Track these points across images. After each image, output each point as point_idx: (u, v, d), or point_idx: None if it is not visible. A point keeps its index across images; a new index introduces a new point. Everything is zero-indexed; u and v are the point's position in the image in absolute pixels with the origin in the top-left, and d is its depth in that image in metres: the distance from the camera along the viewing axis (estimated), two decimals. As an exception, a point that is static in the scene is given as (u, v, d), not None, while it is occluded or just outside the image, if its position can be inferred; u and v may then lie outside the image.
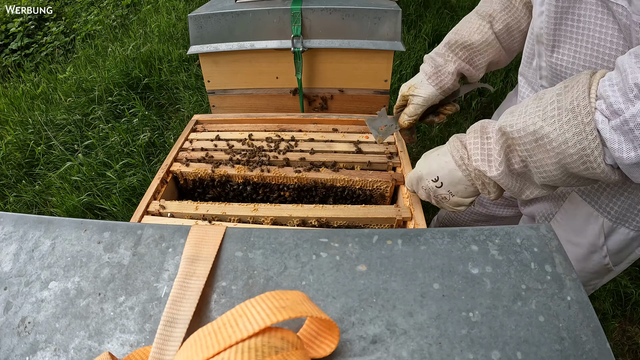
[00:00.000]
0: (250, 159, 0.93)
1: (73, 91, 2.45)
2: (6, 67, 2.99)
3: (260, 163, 0.92)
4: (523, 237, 0.42)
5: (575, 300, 0.37)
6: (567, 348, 0.34)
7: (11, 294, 0.41)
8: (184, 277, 0.40)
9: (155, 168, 1.86)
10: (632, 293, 1.40)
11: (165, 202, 0.82)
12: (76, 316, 0.39)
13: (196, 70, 2.50)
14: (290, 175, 0.90)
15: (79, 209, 1.71)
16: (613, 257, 0.69)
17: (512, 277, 0.39)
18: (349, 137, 1.01)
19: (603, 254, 0.69)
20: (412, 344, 0.35)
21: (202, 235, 0.43)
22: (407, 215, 0.77)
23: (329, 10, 1.03)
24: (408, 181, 0.72)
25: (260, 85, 1.18)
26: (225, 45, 1.11)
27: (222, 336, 0.30)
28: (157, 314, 0.39)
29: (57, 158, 1.98)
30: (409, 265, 0.40)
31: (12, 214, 0.47)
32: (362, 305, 0.37)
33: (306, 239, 0.43)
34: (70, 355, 0.37)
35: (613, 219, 0.64)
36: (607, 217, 0.65)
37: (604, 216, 0.65)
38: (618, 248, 0.67)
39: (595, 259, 0.70)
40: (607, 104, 0.42)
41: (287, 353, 0.30)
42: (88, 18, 3.37)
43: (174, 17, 3.12)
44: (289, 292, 0.34)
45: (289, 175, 0.90)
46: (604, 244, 0.67)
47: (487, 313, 0.36)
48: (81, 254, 0.43)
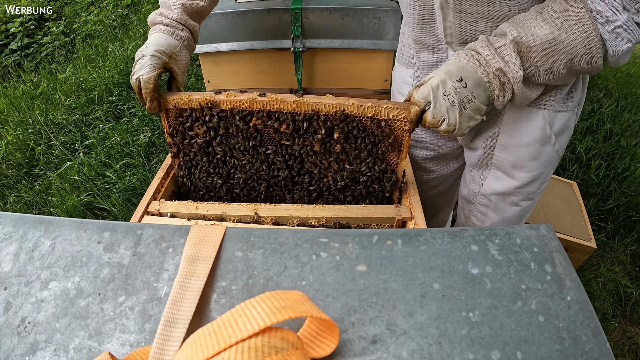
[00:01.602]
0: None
1: (73, 91, 2.45)
2: (6, 67, 2.99)
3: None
4: (523, 237, 0.42)
5: (575, 300, 0.37)
6: (567, 348, 0.34)
7: (11, 294, 0.41)
8: (184, 277, 0.40)
9: (155, 168, 1.86)
10: (632, 293, 1.40)
11: (165, 202, 0.82)
12: (76, 316, 0.39)
13: (196, 70, 2.50)
14: (288, 100, 0.74)
15: (79, 209, 1.71)
16: (559, 140, 0.79)
17: (512, 277, 0.39)
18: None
19: (552, 141, 0.78)
20: (412, 344, 0.35)
21: (202, 235, 0.43)
22: (407, 215, 0.77)
23: (329, 10, 1.03)
24: (423, 92, 0.67)
25: (260, 85, 1.18)
26: (225, 45, 1.11)
27: (222, 336, 0.30)
28: (157, 314, 0.39)
29: (57, 158, 1.98)
30: (409, 265, 0.40)
31: (12, 214, 0.47)
32: (362, 305, 0.37)
33: (306, 239, 0.43)
34: (70, 355, 0.37)
35: (551, 109, 0.75)
36: (546, 109, 0.75)
37: (542, 110, 0.75)
38: (561, 128, 0.78)
39: (547, 149, 0.79)
40: (602, 15, 0.57)
41: (287, 353, 0.30)
42: (88, 18, 3.37)
43: (174, 17, 3.12)
44: (289, 292, 0.34)
45: (286, 100, 0.74)
46: (551, 132, 0.77)
47: (487, 313, 0.36)
48: (81, 254, 0.43)
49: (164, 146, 1.99)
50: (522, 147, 0.80)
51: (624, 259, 1.54)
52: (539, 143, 0.79)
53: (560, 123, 0.78)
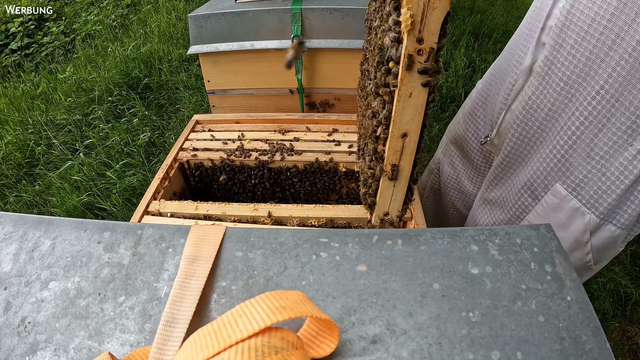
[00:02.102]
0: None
1: (73, 91, 2.45)
2: (6, 67, 2.98)
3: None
4: (523, 237, 0.42)
5: (575, 300, 0.37)
6: (567, 348, 0.34)
7: (11, 294, 0.41)
8: (184, 277, 0.40)
9: (155, 168, 1.86)
10: (632, 293, 1.40)
11: (165, 202, 0.82)
12: (76, 316, 0.39)
13: (196, 70, 2.50)
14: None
15: (79, 209, 1.71)
16: (596, 256, 0.67)
17: (512, 277, 0.39)
18: (348, 137, 1.01)
19: (586, 251, 0.67)
20: (412, 344, 0.35)
21: (202, 235, 0.43)
22: (407, 215, 0.77)
23: (329, 10, 1.03)
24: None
25: (260, 85, 1.18)
26: (225, 45, 1.11)
27: (222, 336, 0.30)
28: (157, 314, 0.39)
29: (57, 158, 1.98)
30: (409, 265, 0.40)
31: (12, 214, 0.47)
32: (362, 305, 0.37)
33: (306, 239, 0.43)
34: (70, 355, 0.37)
35: (601, 216, 0.63)
36: (594, 214, 0.63)
37: (591, 212, 0.63)
38: (603, 246, 0.65)
39: (576, 256, 0.68)
40: None
41: (287, 353, 0.30)
42: (88, 18, 3.37)
43: (174, 17, 3.12)
44: (289, 292, 0.34)
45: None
46: (589, 240, 0.65)
47: (487, 313, 0.36)
48: (81, 254, 0.43)
49: (164, 146, 1.99)
50: None
51: (623, 259, 1.54)
52: (570, 245, 0.68)
53: (606, 237, 0.65)
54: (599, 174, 0.61)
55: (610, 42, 0.54)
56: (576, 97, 0.62)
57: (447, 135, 1.01)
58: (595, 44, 0.56)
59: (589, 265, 0.69)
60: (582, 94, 0.60)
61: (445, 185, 1.03)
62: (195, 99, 2.25)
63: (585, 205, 0.64)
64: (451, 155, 0.99)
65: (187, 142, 1.01)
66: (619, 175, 0.59)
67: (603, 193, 0.62)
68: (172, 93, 2.39)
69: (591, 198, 0.63)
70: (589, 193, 0.63)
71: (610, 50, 0.55)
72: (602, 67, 0.56)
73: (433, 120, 2.13)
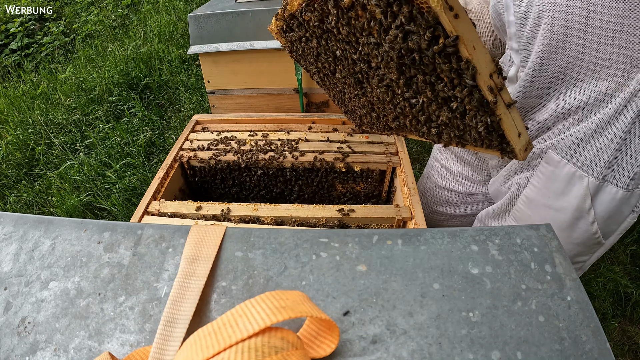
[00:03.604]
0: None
1: (73, 91, 2.45)
2: (6, 67, 2.99)
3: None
4: (523, 237, 0.42)
5: (575, 300, 0.37)
6: (567, 348, 0.34)
7: (11, 294, 0.41)
8: (184, 277, 0.40)
9: (155, 168, 1.86)
10: (632, 293, 1.40)
11: (165, 202, 0.82)
12: (76, 316, 0.39)
13: (196, 70, 2.50)
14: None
15: (79, 209, 1.71)
16: (602, 225, 0.64)
17: (512, 277, 0.39)
18: (349, 137, 1.01)
19: (590, 219, 0.63)
20: (412, 344, 0.35)
21: (202, 235, 0.43)
22: (407, 215, 0.77)
23: (329, 10, 1.03)
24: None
25: (260, 85, 1.18)
26: (225, 45, 1.11)
27: (222, 336, 0.30)
28: (157, 314, 0.39)
29: (57, 158, 1.98)
30: (409, 265, 0.40)
31: (12, 214, 0.47)
32: (362, 305, 0.37)
33: (306, 239, 0.43)
34: (70, 355, 0.37)
35: (600, 177, 0.59)
36: (592, 176, 0.60)
37: (588, 174, 0.60)
38: (607, 212, 0.62)
39: (581, 227, 0.64)
40: None
41: (287, 353, 0.30)
42: (88, 18, 3.37)
43: (174, 17, 3.12)
44: (289, 292, 0.34)
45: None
46: (591, 207, 0.62)
47: (487, 313, 0.36)
48: (81, 254, 0.43)
49: (164, 146, 1.99)
50: (550, 210, 0.66)
51: (624, 259, 1.54)
52: (572, 214, 0.64)
53: (608, 201, 0.61)
54: (589, 132, 0.59)
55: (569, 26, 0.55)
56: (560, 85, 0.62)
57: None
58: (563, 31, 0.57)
59: (597, 238, 0.65)
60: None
61: (434, 183, 1.02)
62: (195, 99, 2.25)
63: (581, 168, 0.61)
64: (443, 155, 0.98)
65: (187, 142, 1.01)
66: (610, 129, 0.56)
67: (598, 152, 0.59)
68: (172, 93, 2.39)
69: (586, 159, 0.60)
70: (583, 154, 0.60)
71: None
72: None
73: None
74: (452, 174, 0.95)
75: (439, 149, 0.99)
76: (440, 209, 1.03)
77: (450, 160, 0.95)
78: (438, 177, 0.98)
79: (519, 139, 0.52)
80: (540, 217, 0.68)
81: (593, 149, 0.59)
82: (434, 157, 1.01)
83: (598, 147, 0.59)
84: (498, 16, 0.70)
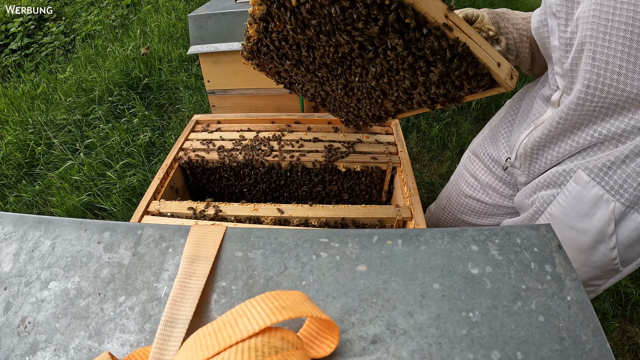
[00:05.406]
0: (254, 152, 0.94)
1: (73, 91, 2.45)
2: (6, 67, 2.99)
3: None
4: (523, 237, 0.42)
5: (575, 300, 0.37)
6: (567, 348, 0.34)
7: (11, 294, 0.41)
8: (184, 277, 0.40)
9: (155, 168, 1.86)
10: (632, 293, 1.40)
11: (165, 202, 0.82)
12: (76, 316, 0.39)
13: (196, 70, 2.50)
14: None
15: (79, 209, 1.71)
16: (622, 252, 0.64)
17: (512, 277, 0.39)
18: (349, 137, 1.01)
19: (611, 245, 0.63)
20: (412, 344, 0.35)
21: (202, 235, 0.43)
22: (407, 215, 0.77)
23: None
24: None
25: (260, 85, 1.18)
26: (225, 45, 1.11)
27: (222, 336, 0.30)
28: (157, 314, 0.39)
29: (57, 158, 1.98)
30: (409, 265, 0.40)
31: (12, 214, 0.47)
32: (362, 305, 0.37)
33: (306, 239, 0.43)
34: (70, 355, 0.37)
35: (627, 204, 0.59)
36: (619, 201, 0.60)
37: (615, 199, 0.60)
38: (629, 240, 0.62)
39: (601, 251, 0.64)
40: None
41: (287, 353, 0.30)
42: (88, 18, 3.37)
43: (174, 17, 3.12)
44: (289, 292, 0.34)
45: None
46: (614, 232, 0.62)
47: (487, 313, 0.36)
48: (81, 254, 0.43)
49: (164, 146, 1.99)
50: (572, 230, 0.66)
51: (624, 259, 1.54)
52: (594, 237, 0.64)
53: (632, 229, 0.61)
54: (622, 157, 0.59)
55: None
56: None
57: (471, 146, 1.00)
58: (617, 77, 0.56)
59: (616, 265, 0.66)
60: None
61: (461, 192, 1.02)
62: (195, 99, 2.25)
63: (609, 192, 0.61)
64: (473, 165, 0.98)
65: (187, 142, 1.01)
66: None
67: (628, 177, 0.59)
68: (172, 93, 2.39)
69: (615, 184, 0.60)
70: (612, 178, 0.60)
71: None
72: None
73: (433, 120, 2.13)
74: (481, 184, 0.94)
75: (469, 157, 0.99)
76: (465, 217, 1.02)
77: (479, 171, 0.94)
78: (466, 185, 0.98)
79: (499, 68, 0.54)
80: (561, 236, 0.67)
81: (623, 174, 0.59)
82: (463, 166, 1.01)
83: (628, 172, 0.59)
84: (540, 39, 0.68)
